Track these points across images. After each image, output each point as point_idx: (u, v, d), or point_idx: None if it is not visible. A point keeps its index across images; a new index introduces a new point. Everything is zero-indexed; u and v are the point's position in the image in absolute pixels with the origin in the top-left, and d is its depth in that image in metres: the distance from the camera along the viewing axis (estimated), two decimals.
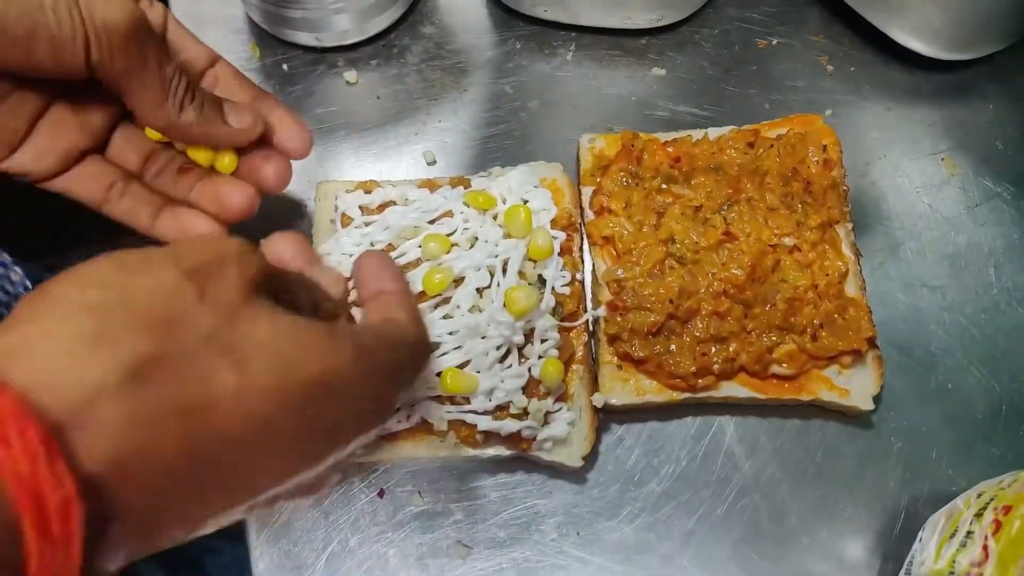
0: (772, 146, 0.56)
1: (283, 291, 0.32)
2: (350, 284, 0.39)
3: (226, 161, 0.49)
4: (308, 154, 0.51)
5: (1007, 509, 0.41)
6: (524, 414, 0.49)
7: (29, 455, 0.21)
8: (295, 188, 0.59)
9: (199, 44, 0.50)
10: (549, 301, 0.51)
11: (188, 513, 0.27)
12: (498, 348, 0.49)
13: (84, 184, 0.46)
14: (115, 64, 0.41)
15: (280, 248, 0.37)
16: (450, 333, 0.49)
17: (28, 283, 0.70)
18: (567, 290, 0.52)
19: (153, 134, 0.49)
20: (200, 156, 0.49)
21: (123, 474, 0.24)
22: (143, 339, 0.25)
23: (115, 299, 0.26)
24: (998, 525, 0.41)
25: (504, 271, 0.51)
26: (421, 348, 0.38)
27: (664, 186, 0.55)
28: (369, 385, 0.31)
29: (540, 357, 0.49)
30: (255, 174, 0.50)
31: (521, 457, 0.50)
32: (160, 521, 0.26)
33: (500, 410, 0.49)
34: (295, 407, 0.28)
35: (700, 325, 0.51)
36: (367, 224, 0.53)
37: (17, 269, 0.70)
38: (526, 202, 0.53)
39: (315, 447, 0.30)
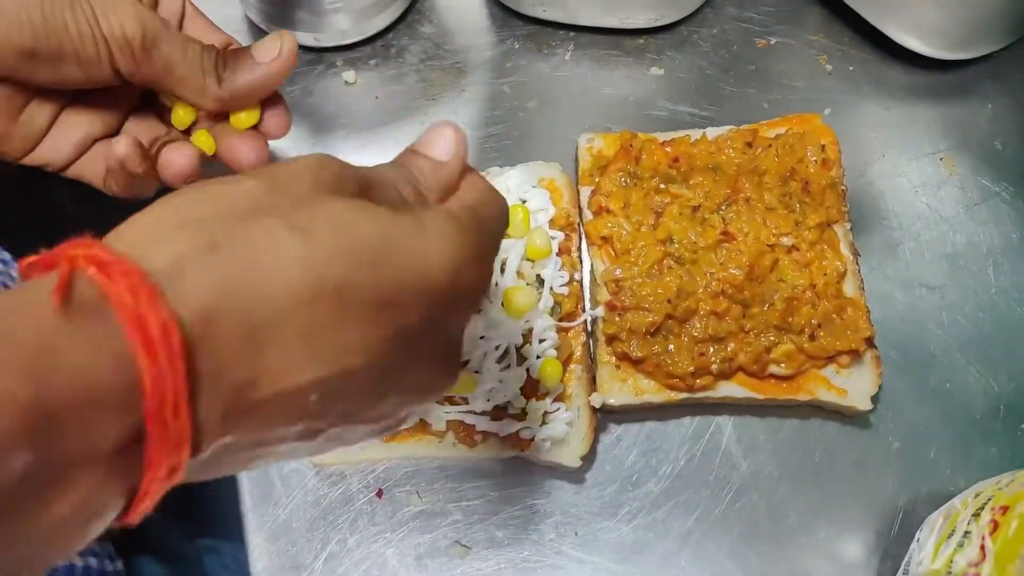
0: (770, 146, 0.56)
1: (375, 197, 0.32)
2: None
3: (211, 142, 0.49)
4: (284, 132, 0.51)
5: (1004, 509, 0.41)
6: (522, 414, 0.49)
7: (131, 289, 0.23)
8: None
9: (215, 29, 0.51)
10: (547, 301, 0.51)
11: (270, 391, 0.27)
12: (496, 348, 0.49)
13: (93, 169, 0.48)
14: (142, 71, 0.43)
15: (436, 146, 0.36)
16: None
17: None
18: (565, 290, 0.52)
19: (178, 119, 0.49)
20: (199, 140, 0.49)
21: (211, 329, 0.25)
22: (220, 225, 0.27)
23: (194, 200, 0.28)
24: (995, 525, 0.41)
25: (502, 271, 0.51)
26: (504, 221, 0.37)
27: (662, 186, 0.55)
28: (450, 267, 0.30)
29: (538, 357, 0.50)
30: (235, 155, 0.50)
31: (519, 457, 0.50)
32: (245, 397, 0.26)
33: (498, 410, 0.49)
34: (364, 267, 0.28)
35: (698, 325, 0.51)
36: None
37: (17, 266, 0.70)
38: (524, 202, 0.53)
39: (394, 321, 0.29)
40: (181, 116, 0.49)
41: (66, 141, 0.47)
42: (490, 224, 0.35)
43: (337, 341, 0.27)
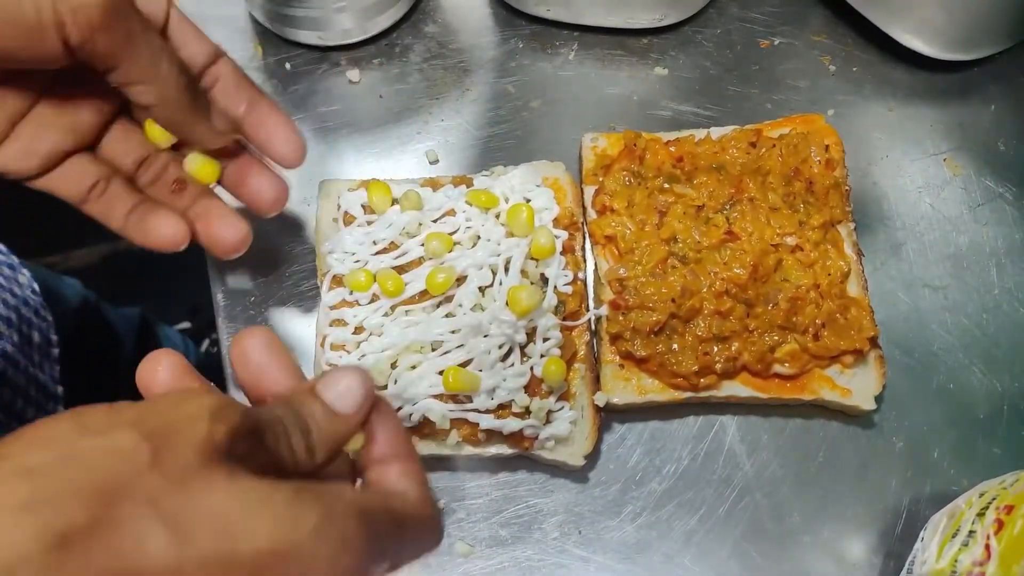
0: (774, 146, 0.56)
1: (264, 442, 0.29)
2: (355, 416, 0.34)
3: (208, 169, 0.47)
4: (300, 163, 0.49)
5: (1009, 509, 0.41)
6: (526, 413, 0.49)
7: None
8: (298, 187, 0.59)
9: (202, 39, 0.47)
10: (551, 300, 0.51)
11: None
12: (500, 347, 0.49)
13: (65, 183, 0.45)
14: (96, 44, 0.39)
15: (248, 350, 0.34)
16: (452, 332, 0.49)
17: (35, 286, 0.70)
18: (569, 289, 0.52)
19: (153, 135, 0.47)
20: (191, 166, 0.47)
21: None
22: (77, 506, 0.24)
23: (58, 462, 0.25)
24: (1000, 524, 0.41)
25: (506, 270, 0.51)
26: (424, 533, 0.33)
27: (666, 185, 0.55)
28: (338, 561, 0.28)
29: (542, 356, 0.49)
30: (248, 189, 0.48)
31: (523, 456, 0.50)
32: None
33: (502, 409, 0.49)
34: None
35: (702, 324, 0.51)
36: (369, 223, 0.53)
37: (25, 271, 0.70)
38: (528, 201, 0.53)
39: None
40: (156, 134, 0.46)
41: (33, 150, 0.43)
42: (411, 542, 0.32)
43: None
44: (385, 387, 0.48)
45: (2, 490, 0.23)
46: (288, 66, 0.63)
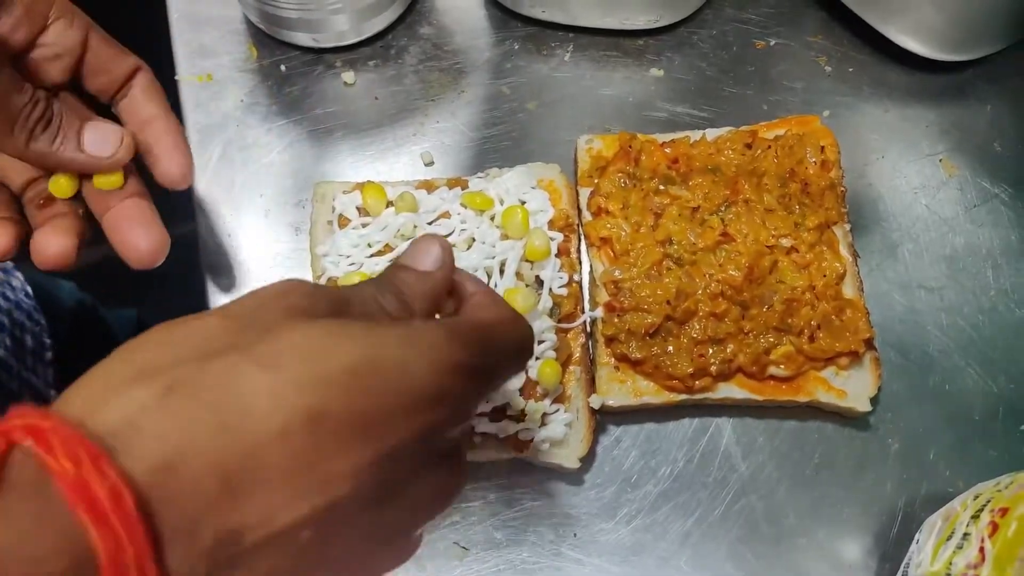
0: (770, 147, 0.56)
1: (352, 308, 0.31)
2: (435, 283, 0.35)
3: (61, 183, 0.45)
4: (186, 184, 0.46)
5: (1004, 511, 0.41)
6: (521, 415, 0.49)
7: (71, 456, 0.22)
8: (292, 189, 0.59)
9: (122, 56, 0.46)
10: (546, 302, 0.51)
11: (258, 537, 0.25)
12: None
13: None
14: None
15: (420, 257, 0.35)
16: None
17: (28, 289, 0.70)
18: (564, 291, 0.52)
19: (63, 190, 0.45)
20: (53, 186, 0.46)
21: (176, 481, 0.24)
22: (179, 367, 0.26)
23: (155, 344, 0.27)
24: (994, 527, 0.41)
25: (501, 272, 0.51)
26: (515, 343, 0.34)
27: (662, 187, 0.55)
28: (433, 364, 0.28)
29: (537, 358, 0.49)
30: (121, 238, 0.45)
31: (518, 458, 0.50)
32: (230, 548, 0.24)
33: (497, 411, 0.49)
34: (337, 392, 0.26)
35: (697, 326, 0.51)
36: (364, 225, 0.53)
37: (18, 274, 0.70)
38: (523, 203, 0.53)
39: (380, 441, 0.27)
40: (62, 185, 0.44)
41: None
42: (502, 346, 0.33)
43: (319, 472, 0.26)
44: None
45: (111, 369, 0.26)
46: (283, 68, 0.63)
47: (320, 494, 0.26)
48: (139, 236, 0.45)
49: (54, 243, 0.44)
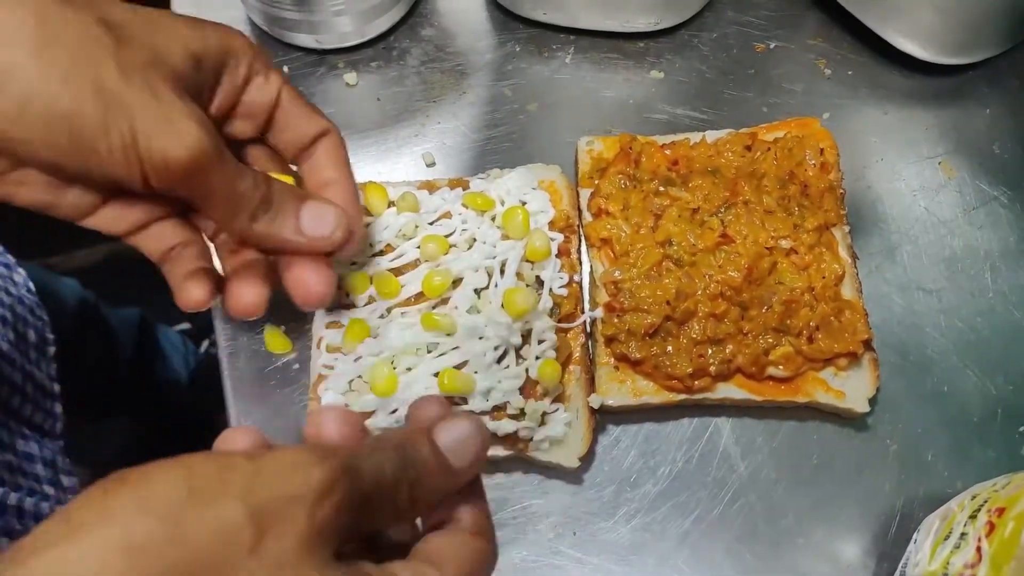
0: (769, 149, 0.57)
1: (368, 511, 0.29)
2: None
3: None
4: (347, 253, 0.46)
5: (1001, 511, 0.42)
6: (521, 415, 0.49)
7: None
8: None
9: (313, 116, 0.45)
10: (547, 302, 0.51)
11: None
12: (496, 349, 0.49)
13: (146, 245, 0.44)
14: (178, 191, 0.39)
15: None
16: (448, 334, 0.49)
17: (31, 285, 0.70)
18: (564, 291, 0.52)
19: (272, 345, 0.51)
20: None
21: None
22: None
23: (162, 539, 0.25)
24: (991, 527, 0.41)
25: (502, 272, 0.51)
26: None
27: (662, 188, 0.55)
28: None
29: (537, 358, 0.50)
30: (293, 277, 0.45)
31: (518, 457, 0.51)
32: None
33: (497, 410, 0.49)
34: None
35: (697, 327, 0.51)
36: (366, 225, 0.54)
37: (21, 271, 0.70)
38: (524, 204, 0.54)
39: None
40: (276, 344, 0.50)
41: (120, 219, 0.43)
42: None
43: None
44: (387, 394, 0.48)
45: (90, 545, 0.24)
46: (286, 69, 0.63)
47: None
48: (313, 280, 0.44)
49: (248, 293, 0.44)
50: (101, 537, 0.24)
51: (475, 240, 0.52)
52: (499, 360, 0.49)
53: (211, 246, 0.47)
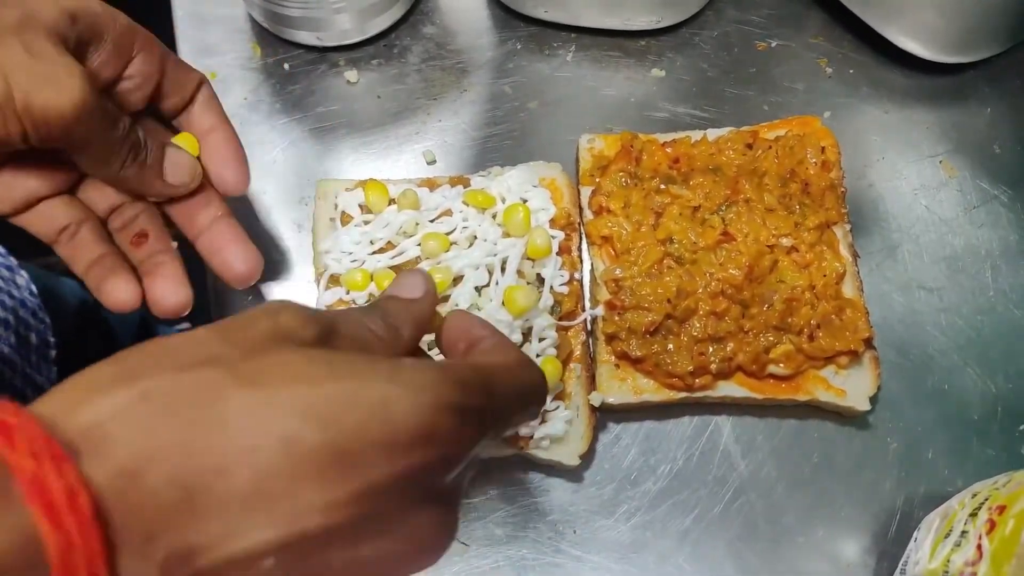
0: (770, 147, 0.57)
1: (339, 330, 0.30)
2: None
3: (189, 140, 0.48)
4: (241, 191, 0.49)
5: (1001, 509, 0.42)
6: None
7: (34, 454, 0.22)
8: (295, 186, 0.59)
9: (190, 73, 0.48)
10: (547, 300, 0.51)
11: (216, 557, 0.24)
12: None
13: (38, 223, 0.46)
14: (56, 143, 0.40)
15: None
16: None
17: (33, 287, 0.70)
18: (565, 289, 0.52)
19: None
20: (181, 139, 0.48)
21: (137, 490, 0.23)
22: (158, 375, 0.25)
23: (143, 353, 0.27)
24: (992, 525, 0.41)
25: (503, 270, 0.51)
26: (524, 390, 0.33)
27: (663, 186, 0.55)
28: (421, 402, 0.27)
29: (538, 356, 0.50)
30: (219, 259, 0.48)
31: (518, 456, 0.50)
32: (187, 564, 0.24)
33: None
34: (315, 418, 0.25)
35: (698, 325, 0.51)
36: (366, 223, 0.54)
37: (23, 273, 0.70)
38: (525, 201, 0.54)
39: (358, 477, 0.26)
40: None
41: (6, 196, 0.44)
42: (505, 390, 0.31)
43: (288, 501, 0.24)
44: None
45: (91, 373, 0.26)
46: (286, 66, 0.63)
47: (287, 524, 0.24)
48: (236, 257, 0.47)
49: (172, 294, 0.46)
50: (100, 364, 0.27)
51: (476, 238, 0.52)
52: None
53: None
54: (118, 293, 0.45)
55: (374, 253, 0.52)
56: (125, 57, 0.44)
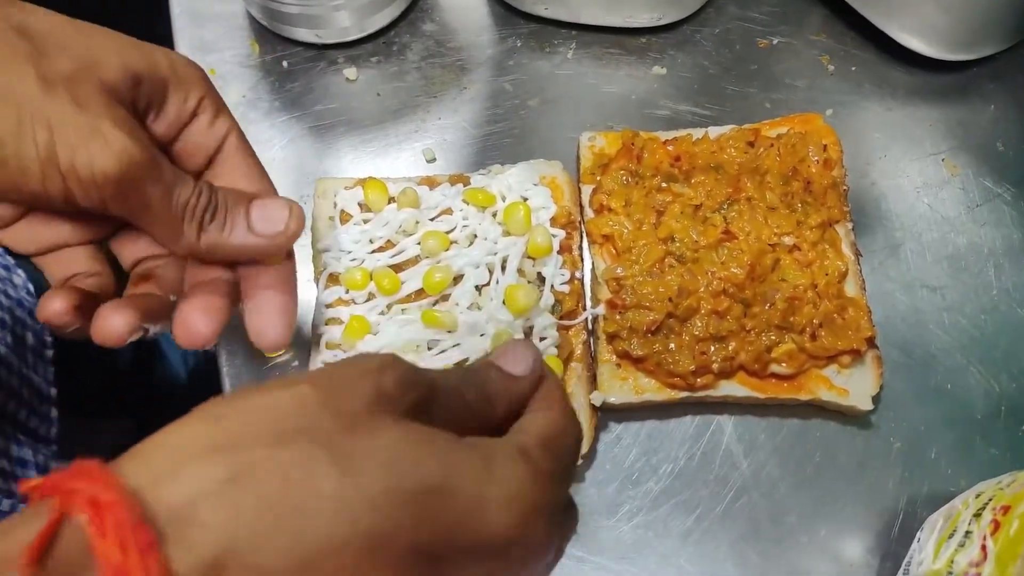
0: (772, 145, 0.56)
1: (438, 397, 0.29)
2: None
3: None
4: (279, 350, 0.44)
5: (1005, 509, 0.41)
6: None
7: (121, 543, 0.21)
8: (295, 184, 0.59)
9: (254, 177, 0.43)
10: (548, 299, 0.51)
11: None
12: None
13: (52, 266, 0.42)
14: (110, 209, 0.36)
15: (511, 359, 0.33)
16: (449, 331, 0.49)
17: (31, 287, 0.70)
18: (566, 288, 0.52)
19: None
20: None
21: (223, 573, 0.23)
22: (254, 448, 0.25)
23: (235, 412, 0.26)
24: (996, 525, 0.41)
25: (503, 269, 0.50)
26: (575, 456, 0.33)
27: (664, 185, 0.55)
28: (512, 523, 0.27)
29: None
30: (258, 319, 0.42)
31: None
32: None
33: None
34: (409, 516, 0.25)
35: (699, 324, 0.51)
36: (366, 221, 0.53)
37: (20, 272, 0.70)
38: (525, 200, 0.53)
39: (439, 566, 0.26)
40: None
41: (30, 239, 0.40)
42: (564, 459, 0.31)
43: None
44: None
45: (181, 435, 0.25)
46: (285, 64, 0.63)
47: None
48: (272, 327, 0.42)
49: (203, 324, 0.40)
50: (189, 418, 0.26)
51: (476, 236, 0.52)
52: None
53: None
54: (110, 324, 0.41)
55: (374, 252, 0.52)
56: (189, 118, 0.40)
